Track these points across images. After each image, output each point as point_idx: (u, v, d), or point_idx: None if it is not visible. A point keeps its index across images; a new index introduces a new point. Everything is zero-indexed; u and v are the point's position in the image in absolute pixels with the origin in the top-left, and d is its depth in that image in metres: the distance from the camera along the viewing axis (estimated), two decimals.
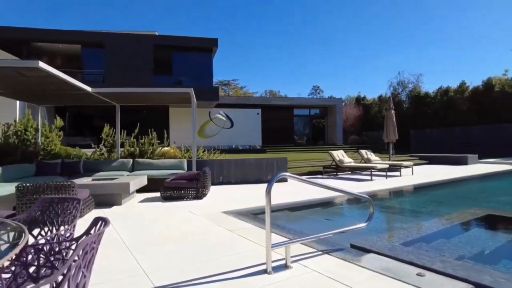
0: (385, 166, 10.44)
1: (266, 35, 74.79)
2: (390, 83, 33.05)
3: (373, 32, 67.68)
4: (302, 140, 29.44)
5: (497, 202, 7.01)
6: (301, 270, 2.92)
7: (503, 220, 5.15)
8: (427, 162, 16.10)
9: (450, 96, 26.06)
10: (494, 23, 53.57)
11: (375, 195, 7.66)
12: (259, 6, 69.05)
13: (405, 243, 3.76)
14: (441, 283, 2.58)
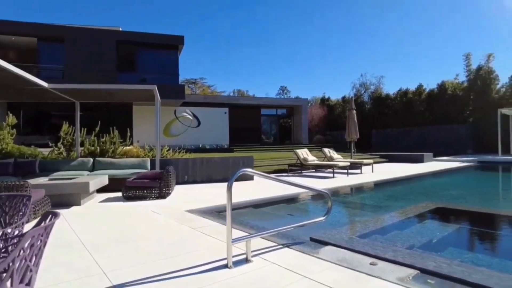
0: (347, 164, 10.83)
1: (235, 35, 74.75)
2: (353, 84, 34.32)
3: (339, 35, 69.66)
4: (269, 139, 29.73)
5: (448, 196, 7.52)
6: (261, 263, 2.98)
7: (451, 212, 5.55)
8: (386, 160, 16.87)
9: (409, 98, 27.42)
10: (449, 29, 57.04)
11: (336, 191, 7.93)
12: (227, 5, 68.84)
13: (361, 235, 3.94)
14: (391, 270, 2.74)
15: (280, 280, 2.62)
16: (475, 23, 53.65)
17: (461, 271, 2.67)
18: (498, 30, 51.63)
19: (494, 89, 23.30)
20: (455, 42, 55.54)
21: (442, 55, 59.39)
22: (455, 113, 23.95)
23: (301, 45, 75.41)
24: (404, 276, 2.62)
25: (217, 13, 69.75)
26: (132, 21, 66.02)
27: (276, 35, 74.16)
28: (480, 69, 23.88)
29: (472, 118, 23.29)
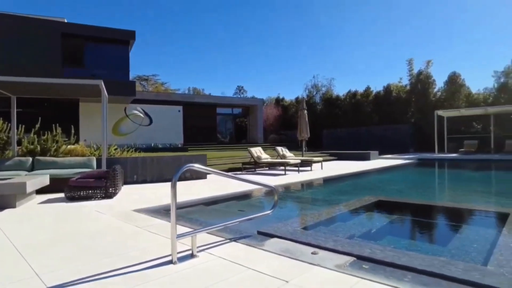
0: (298, 162, 11.17)
1: (192, 33, 73.42)
2: (305, 86, 35.33)
3: (294, 37, 71.29)
4: (225, 138, 29.69)
5: (389, 190, 8.08)
6: (207, 258, 2.99)
7: (390, 204, 5.97)
8: (336, 158, 17.63)
9: (357, 99, 28.86)
10: (397, 35, 60.92)
11: (287, 187, 8.16)
12: (184, 3, 67.39)
13: (306, 227, 4.11)
14: (330, 259, 2.90)
15: (223, 272, 2.65)
16: (418, 31, 57.85)
17: (392, 255, 2.89)
18: (437, 39, 56.21)
19: (432, 92, 25.33)
20: (400, 47, 59.45)
21: (388, 59, 63.25)
22: (399, 114, 25.66)
23: (258, 46, 76.17)
24: (342, 263, 2.78)
25: (173, 8, 68.03)
26: (82, 15, 62.24)
27: (234, 36, 74.17)
28: (420, 74, 25.81)
29: (414, 119, 25.11)
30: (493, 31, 52.50)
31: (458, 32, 54.55)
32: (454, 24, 54.19)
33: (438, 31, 56.24)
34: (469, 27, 53.62)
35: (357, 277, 2.50)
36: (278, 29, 71.28)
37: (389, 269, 2.64)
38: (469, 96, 24.19)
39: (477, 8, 51.22)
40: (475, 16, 52.19)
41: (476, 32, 54.31)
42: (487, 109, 19.91)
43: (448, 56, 54.23)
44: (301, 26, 68.21)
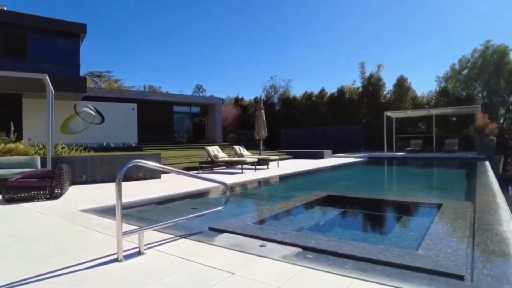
0: (254, 160, 11.30)
1: (149, 30, 71.10)
2: (264, 86, 35.75)
3: (253, 38, 71.71)
4: (182, 138, 29.15)
5: (340, 186, 8.46)
6: (154, 255, 2.95)
7: (338, 199, 6.27)
8: (292, 157, 18.06)
9: (313, 100, 29.78)
10: (352, 39, 63.53)
11: (244, 184, 8.24)
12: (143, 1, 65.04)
13: (258, 222, 4.19)
14: (277, 250, 2.99)
15: (170, 267, 2.64)
16: (371, 35, 60.84)
17: (335, 245, 3.05)
18: (388, 44, 59.56)
19: (382, 94, 26.84)
20: (354, 51, 62.10)
21: (343, 62, 65.79)
22: (352, 115, 26.87)
23: (219, 46, 75.60)
24: (288, 253, 2.89)
25: (130, 3, 65.40)
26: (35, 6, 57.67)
27: (194, 35, 72.90)
28: (371, 77, 27.22)
29: (365, 120, 26.42)
30: (437, 38, 56.72)
31: (407, 39, 58.25)
32: (403, 30, 57.76)
33: (388, 36, 59.61)
34: (417, 34, 57.47)
35: (301, 266, 2.61)
36: (237, 30, 71.39)
37: (332, 258, 2.78)
38: (415, 99, 25.96)
39: (425, 15, 55.03)
40: (423, 23, 56.05)
41: (422, 39, 58.33)
42: (429, 111, 21.50)
43: (397, 61, 57.70)
44: (260, 28, 68.86)
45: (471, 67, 23.68)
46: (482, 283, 2.25)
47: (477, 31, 51.48)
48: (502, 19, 49.49)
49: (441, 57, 55.93)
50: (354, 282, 2.31)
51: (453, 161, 15.57)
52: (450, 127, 23.05)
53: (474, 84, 23.85)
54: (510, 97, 22.62)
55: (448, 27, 53.47)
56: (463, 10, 51.50)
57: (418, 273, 2.43)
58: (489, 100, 22.70)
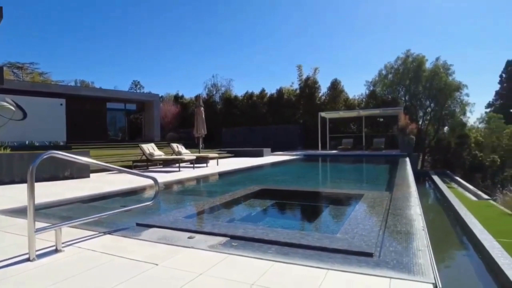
0: (193, 158, 11.15)
1: (83, 21, 65.85)
2: (205, 84, 35.27)
3: (195, 36, 70.45)
4: (117, 136, 27.60)
5: (275, 180, 8.77)
6: (73, 252, 2.78)
7: (271, 191, 6.50)
8: (233, 155, 18.17)
9: (254, 100, 30.27)
10: (290, 42, 65.74)
11: (181, 182, 8.09)
12: None
13: (189, 216, 4.15)
14: (205, 241, 3.00)
15: (90, 262, 2.51)
16: (308, 39, 63.55)
17: (261, 233, 3.16)
18: (323, 48, 62.77)
19: (318, 96, 28.24)
20: (293, 53, 64.28)
21: (282, 64, 67.77)
22: (290, 115, 27.85)
23: (158, 41, 72.83)
24: (215, 243, 2.91)
25: None
26: None
27: (133, 29, 69.24)
28: (308, 79, 28.49)
29: (302, 120, 27.56)
30: (367, 46, 61.36)
31: (341, 44, 61.99)
32: (338, 36, 61.38)
33: (324, 41, 62.87)
34: (350, 41, 61.45)
35: (227, 253, 2.66)
36: (179, 27, 69.56)
37: (257, 245, 2.87)
38: (347, 101, 27.78)
39: (356, 22, 59.07)
40: (356, 30, 60.10)
41: (355, 45, 62.49)
42: (359, 112, 23.18)
43: (332, 65, 61.25)
44: (202, 26, 67.93)
45: (395, 73, 26.02)
46: (386, 257, 2.51)
47: (400, 40, 56.84)
48: (420, 31, 55.27)
49: (371, 62, 60.65)
50: (275, 264, 2.42)
51: (379, 158, 16.97)
52: (378, 127, 25.08)
53: (398, 88, 26.24)
54: (427, 101, 25.31)
55: (377, 36, 58.17)
56: (389, 21, 56.48)
57: (334, 254, 2.62)
58: (410, 103, 25.15)
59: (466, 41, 59.02)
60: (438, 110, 24.51)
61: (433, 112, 24.91)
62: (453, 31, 58.50)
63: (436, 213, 9.07)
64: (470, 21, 57.96)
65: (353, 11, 56.80)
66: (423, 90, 24.90)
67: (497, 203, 9.24)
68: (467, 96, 23.77)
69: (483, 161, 21.68)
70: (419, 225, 3.38)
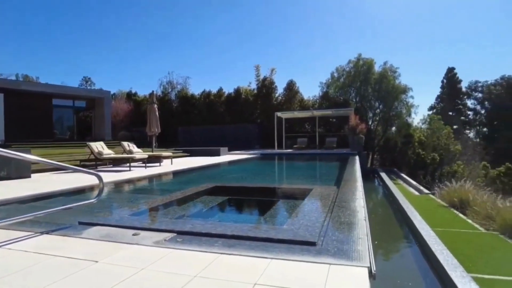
0: (145, 156, 10.80)
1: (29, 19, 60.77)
2: (160, 82, 34.26)
3: (149, 30, 68.16)
4: (64, 135, 25.92)
5: (230, 178, 8.77)
6: (2, 254, 2.57)
7: (224, 189, 6.52)
8: (189, 155, 17.88)
9: (211, 99, 30.01)
10: (252, 42, 65.95)
11: (131, 181, 7.80)
12: None
13: (136, 213, 4.02)
14: (150, 237, 2.93)
15: (20, 263, 2.35)
16: (267, 40, 64.26)
17: (209, 227, 3.15)
18: (280, 50, 63.88)
19: (274, 96, 28.69)
20: (251, 53, 64.64)
21: (240, 63, 67.81)
22: (248, 115, 28.00)
23: (111, 37, 69.35)
24: (161, 239, 2.86)
25: None
26: None
27: (84, 25, 65.27)
28: (265, 80, 28.84)
29: (260, 119, 27.83)
30: (322, 49, 63.43)
31: (297, 46, 63.51)
32: (293, 38, 62.81)
33: (281, 43, 64.03)
34: (305, 43, 63.18)
35: (172, 248, 2.62)
36: (132, 22, 66.87)
37: (204, 239, 2.86)
38: (302, 101, 28.53)
39: (311, 25, 60.82)
40: (311, 33, 61.88)
41: (310, 47, 64.30)
42: (313, 112, 23.92)
43: (288, 66, 62.60)
44: (155, 22, 65.81)
45: (347, 76, 27.18)
46: (328, 246, 2.63)
47: (352, 44, 59.56)
48: (371, 36, 58.37)
49: (325, 64, 62.88)
50: (220, 256, 2.43)
51: (331, 156, 17.63)
52: (330, 127, 26.04)
53: (350, 90, 27.42)
54: (376, 103, 26.73)
55: (329, 41, 60.41)
56: (341, 25, 58.96)
57: (279, 244, 2.69)
58: (360, 104, 26.39)
59: (413, 47, 63.41)
60: (386, 112, 25.97)
61: (381, 113, 26.35)
62: (402, 37, 62.53)
63: (382, 207, 9.61)
64: (418, 29, 62.25)
65: (307, 15, 58.48)
66: (373, 92, 26.27)
67: (435, 196, 10.00)
68: (412, 98, 25.48)
69: (425, 159, 23.33)
70: (361, 216, 3.56)
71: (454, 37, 62.60)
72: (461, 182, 8.62)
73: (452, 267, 3.50)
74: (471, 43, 62.15)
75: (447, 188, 8.74)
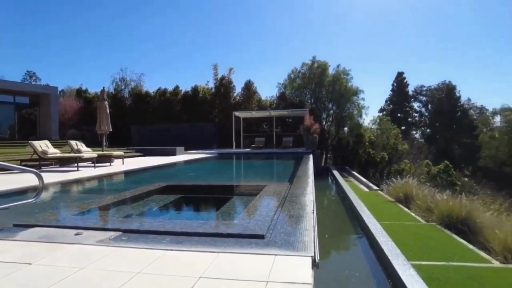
0: (94, 156, 10.27)
1: None
2: (113, 78, 32.71)
3: (101, 23, 64.71)
4: (4, 134, 23.83)
5: (185, 177, 8.61)
6: None
7: (177, 187, 6.42)
8: (142, 154, 17.29)
9: (167, 97, 29.26)
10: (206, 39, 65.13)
11: (78, 181, 7.39)
12: None
13: (81, 213, 3.82)
14: (94, 236, 2.80)
15: None
16: (225, 38, 63.96)
17: (157, 225, 3.08)
18: (239, 48, 63.98)
19: (232, 96, 28.66)
20: (209, 51, 63.93)
21: (198, 61, 66.70)
22: (205, 114, 27.69)
23: (60, 31, 64.79)
24: (105, 238, 2.74)
25: None
26: None
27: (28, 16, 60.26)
28: (223, 79, 28.70)
29: (217, 119, 27.66)
30: (279, 51, 64.60)
31: (255, 47, 64.00)
32: (252, 39, 63.20)
33: (239, 43, 64.09)
34: (264, 44, 63.89)
35: (116, 247, 2.53)
36: (83, 17, 63.11)
37: (152, 236, 2.79)
38: (260, 101, 28.80)
39: (269, 26, 61.63)
40: (268, 33, 62.68)
41: (268, 48, 65.17)
42: (270, 112, 24.29)
43: (247, 66, 62.89)
44: (107, 14, 62.71)
45: (302, 77, 27.92)
46: (276, 238, 2.68)
47: (308, 46, 61.34)
48: (325, 40, 60.54)
49: (283, 66, 64.01)
50: (167, 252, 2.38)
51: (287, 155, 18.01)
52: (287, 127, 26.56)
53: (305, 91, 28.19)
54: (330, 104, 27.75)
55: (287, 43, 61.68)
56: (299, 28, 60.45)
57: (228, 238, 2.70)
58: (315, 105, 27.24)
59: (368, 52, 66.74)
60: (339, 112, 27.06)
61: (334, 114, 27.40)
62: (356, 41, 65.56)
63: (334, 203, 10.00)
64: (371, 34, 65.59)
65: (265, 16, 59.21)
66: (326, 93, 27.23)
67: (383, 192, 10.60)
68: (363, 100, 26.78)
69: (375, 158, 24.67)
70: (310, 210, 3.68)
71: (403, 42, 66.73)
72: (406, 179, 9.21)
73: (395, 256, 3.73)
74: (416, 50, 66.81)
75: (394, 184, 9.29)
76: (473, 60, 64.31)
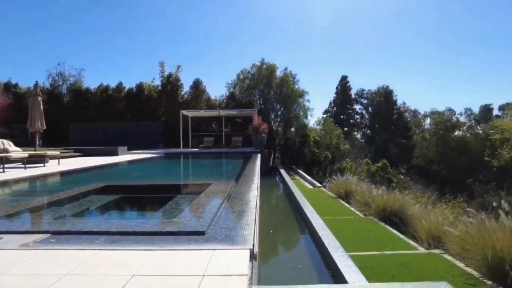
0: (24, 156, 9.39)
1: None
2: (49, 73, 30.16)
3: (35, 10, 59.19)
4: None
5: (127, 177, 8.23)
6: None
7: (116, 187, 6.14)
8: (81, 154, 16.19)
9: (109, 94, 27.73)
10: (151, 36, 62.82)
11: (4, 183, 6.71)
12: None
13: (3, 217, 3.47)
14: (17, 240, 2.58)
15: None
16: (172, 35, 62.27)
17: (92, 225, 2.93)
18: (187, 48, 62.70)
19: (180, 94, 28.02)
20: (155, 48, 61.74)
21: (143, 58, 64.03)
22: (151, 112, 26.73)
23: None
24: (30, 241, 2.53)
25: None
26: None
27: None
28: (170, 77, 27.93)
29: (164, 117, 26.85)
30: (228, 49, 64.52)
31: (205, 46, 63.23)
32: (202, 38, 62.34)
33: (190, 41, 62.84)
34: (213, 44, 63.34)
35: (42, 249, 2.35)
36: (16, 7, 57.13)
37: (85, 237, 2.64)
38: (209, 101, 28.53)
39: (219, 26, 61.28)
40: (219, 33, 62.27)
41: (218, 48, 64.74)
42: (219, 112, 24.19)
43: (196, 65, 61.80)
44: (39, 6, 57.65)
45: (251, 78, 28.21)
46: (217, 233, 2.68)
47: (256, 48, 62.14)
48: (273, 43, 61.86)
49: (232, 65, 64.12)
50: (100, 252, 2.27)
51: (236, 155, 18.08)
52: (236, 127, 26.65)
53: (254, 92, 28.51)
54: (277, 105, 28.40)
55: (237, 43, 61.87)
56: (249, 28, 60.98)
57: (167, 236, 2.64)
58: (264, 106, 27.69)
59: (312, 56, 69.29)
60: (286, 113, 27.79)
61: (282, 115, 28.08)
62: (303, 45, 67.76)
63: (281, 200, 10.26)
64: (317, 39, 68.22)
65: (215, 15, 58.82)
66: (274, 95, 27.82)
67: (326, 189, 11.10)
68: (308, 102, 27.79)
69: (319, 157, 25.73)
70: (253, 205, 3.73)
71: (349, 46, 70.38)
72: (347, 176, 9.73)
73: (334, 248, 3.93)
74: (360, 53, 70.98)
75: (335, 181, 9.76)
76: (408, 66, 70.05)
